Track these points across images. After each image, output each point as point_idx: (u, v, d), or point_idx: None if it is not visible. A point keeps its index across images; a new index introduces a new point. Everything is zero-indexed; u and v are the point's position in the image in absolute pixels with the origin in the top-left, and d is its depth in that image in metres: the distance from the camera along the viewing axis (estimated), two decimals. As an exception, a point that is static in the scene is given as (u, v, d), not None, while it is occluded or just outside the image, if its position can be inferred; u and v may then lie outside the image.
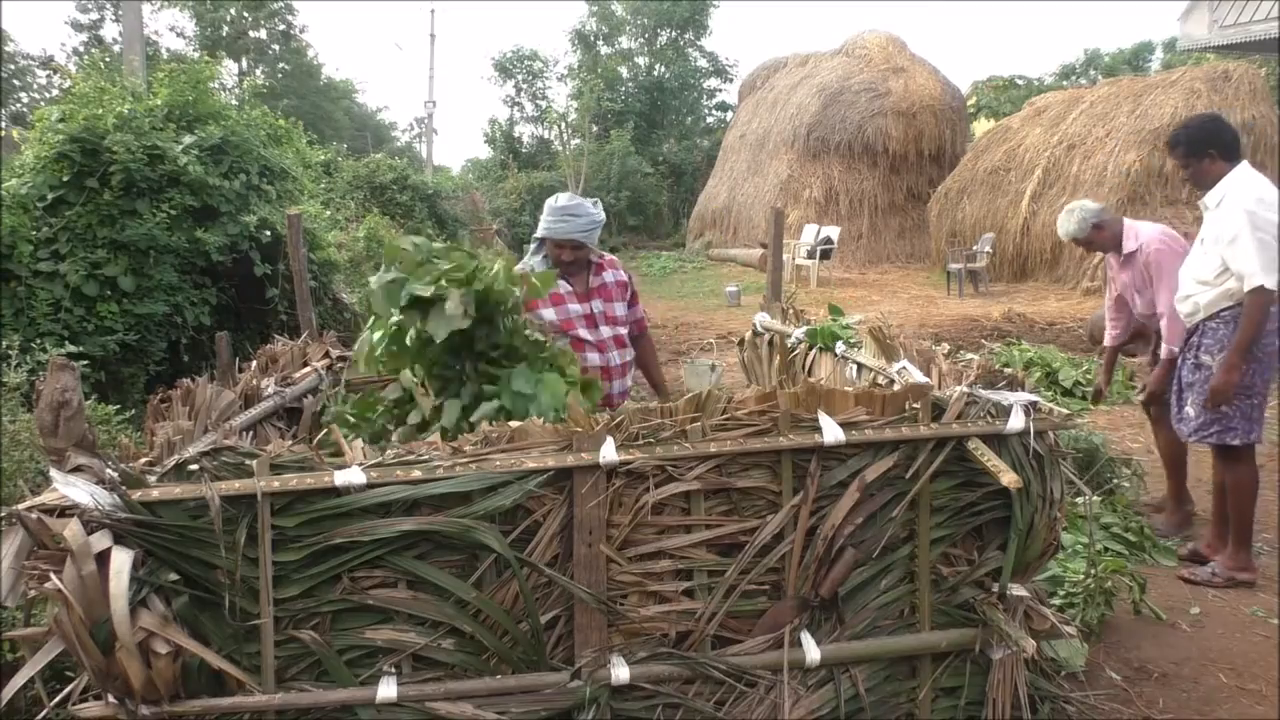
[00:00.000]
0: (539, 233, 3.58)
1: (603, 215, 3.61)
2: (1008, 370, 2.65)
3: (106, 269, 5.12)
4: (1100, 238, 4.44)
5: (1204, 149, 3.74)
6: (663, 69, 30.78)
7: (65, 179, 5.29)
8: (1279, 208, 3.56)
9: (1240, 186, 3.64)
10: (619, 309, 3.66)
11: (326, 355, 3.92)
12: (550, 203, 3.54)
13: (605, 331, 3.57)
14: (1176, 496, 4.47)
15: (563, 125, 27.79)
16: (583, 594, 2.29)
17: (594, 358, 3.51)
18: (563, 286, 3.52)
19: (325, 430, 2.74)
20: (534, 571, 2.29)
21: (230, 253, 5.62)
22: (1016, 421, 2.40)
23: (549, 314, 3.48)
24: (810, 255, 15.74)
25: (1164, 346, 4.29)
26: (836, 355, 3.58)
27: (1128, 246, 4.37)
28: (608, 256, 3.74)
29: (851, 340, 3.59)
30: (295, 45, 35.08)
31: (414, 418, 2.71)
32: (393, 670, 2.26)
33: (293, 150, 7.54)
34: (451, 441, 2.29)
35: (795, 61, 22.60)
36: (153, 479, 2.11)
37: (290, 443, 2.47)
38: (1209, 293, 3.68)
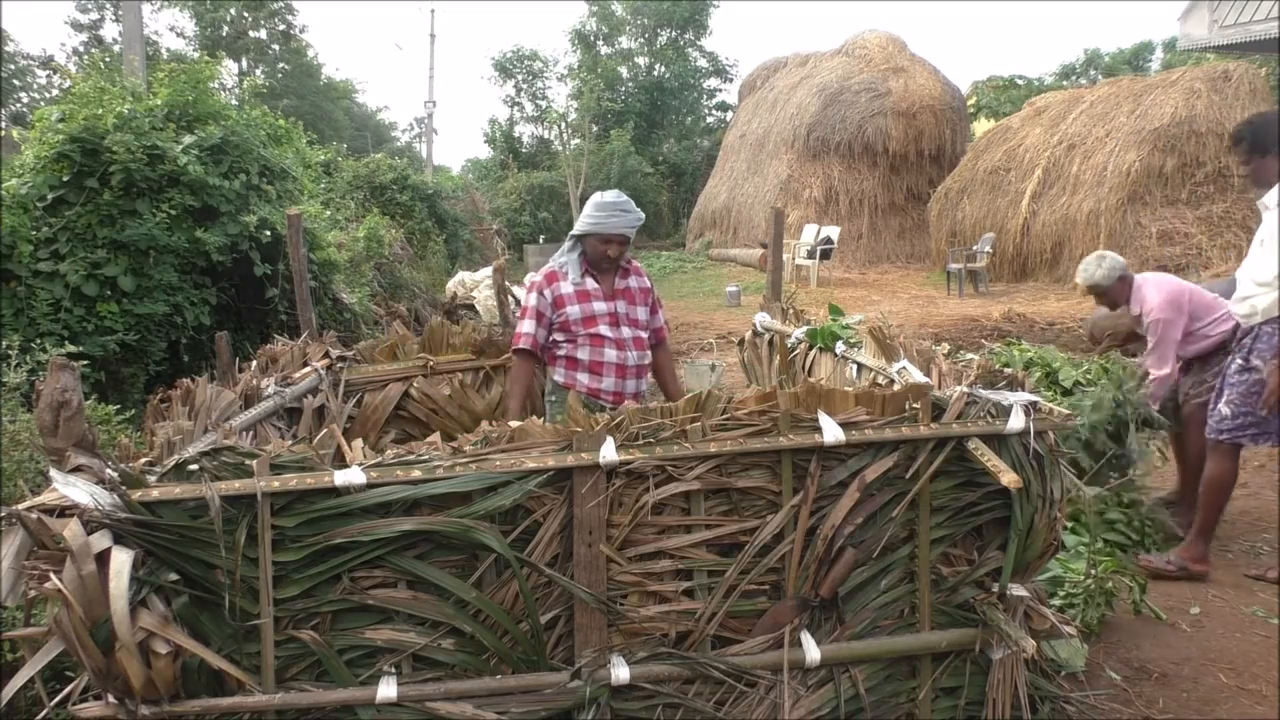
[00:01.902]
0: (581, 229, 3.56)
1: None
2: (1008, 370, 2.65)
3: (106, 269, 5.12)
4: (1121, 290, 4.44)
5: (1268, 147, 3.66)
6: (663, 69, 30.78)
7: (65, 179, 5.28)
8: None
9: None
10: (640, 313, 3.69)
11: (326, 355, 3.92)
12: (598, 199, 3.54)
13: (626, 332, 3.61)
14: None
15: (563, 125, 27.77)
16: (583, 594, 2.29)
17: (612, 354, 3.55)
18: (589, 284, 3.58)
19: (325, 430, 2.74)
20: (534, 571, 2.29)
21: (230, 253, 5.61)
22: (1016, 421, 2.40)
23: (573, 310, 3.53)
24: (810, 255, 15.74)
25: (1152, 376, 4.32)
26: (836, 355, 3.59)
27: (1134, 309, 4.39)
28: (634, 262, 3.77)
29: (851, 340, 3.59)
30: (295, 45, 35.07)
31: None
32: (393, 670, 2.26)
33: (293, 150, 7.53)
34: None
35: (795, 61, 22.61)
36: (153, 479, 2.11)
37: (290, 442, 2.47)
38: (1267, 296, 3.62)
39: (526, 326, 3.58)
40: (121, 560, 1.98)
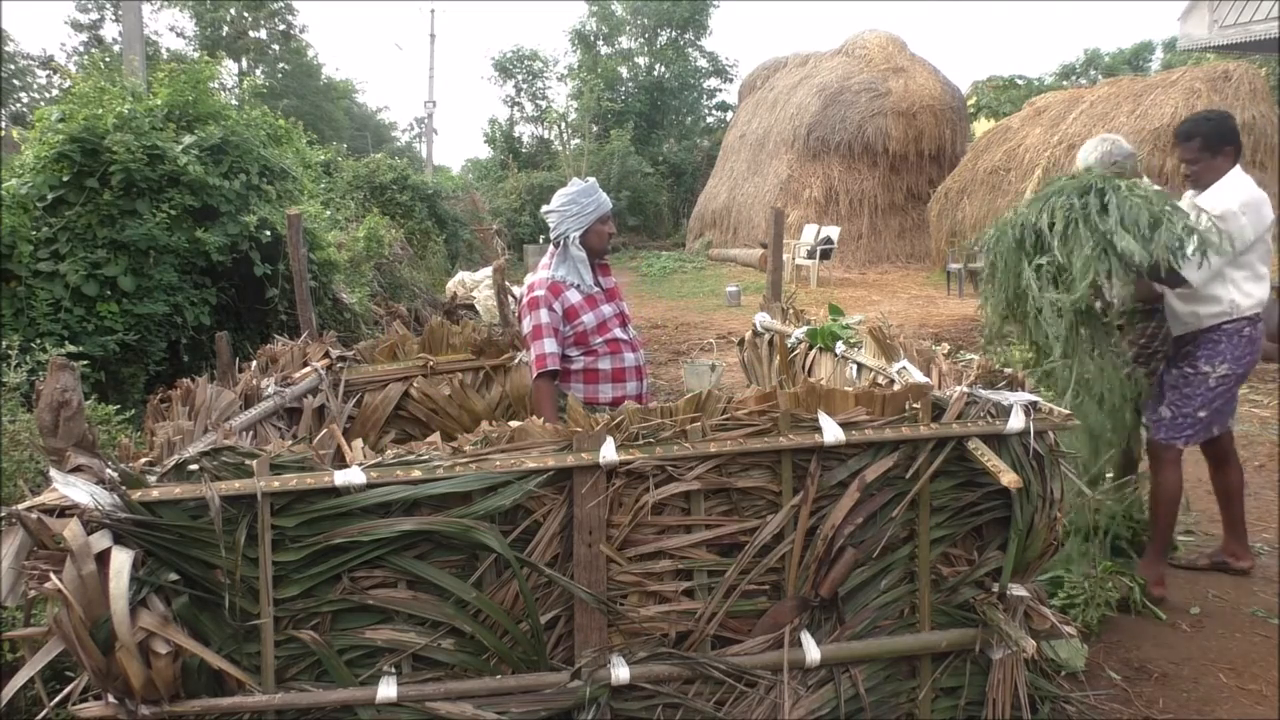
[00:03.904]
0: (580, 224, 3.36)
1: None
2: (1008, 370, 2.65)
3: (106, 269, 5.11)
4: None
5: (1221, 145, 3.64)
6: (663, 69, 30.77)
7: (65, 179, 5.28)
8: (1256, 218, 3.52)
9: (1234, 191, 3.57)
10: (627, 309, 3.65)
11: (326, 355, 3.92)
12: (571, 191, 3.38)
13: (631, 331, 3.57)
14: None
15: (563, 125, 27.79)
16: (583, 594, 2.29)
17: (630, 357, 3.49)
18: (594, 288, 3.47)
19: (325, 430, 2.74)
20: (534, 571, 2.29)
21: (230, 253, 5.61)
22: (1016, 421, 2.40)
23: (589, 319, 3.38)
24: (810, 255, 15.74)
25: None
26: (836, 355, 3.59)
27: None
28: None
29: (851, 340, 3.59)
30: (295, 45, 35.09)
31: None
32: (393, 670, 2.26)
33: (293, 150, 7.53)
34: None
35: (795, 61, 22.60)
36: (153, 479, 2.11)
37: (290, 442, 2.47)
38: (1207, 305, 3.63)
39: (548, 346, 3.31)
40: (121, 560, 1.98)
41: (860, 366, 3.37)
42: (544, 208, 3.51)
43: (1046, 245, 3.40)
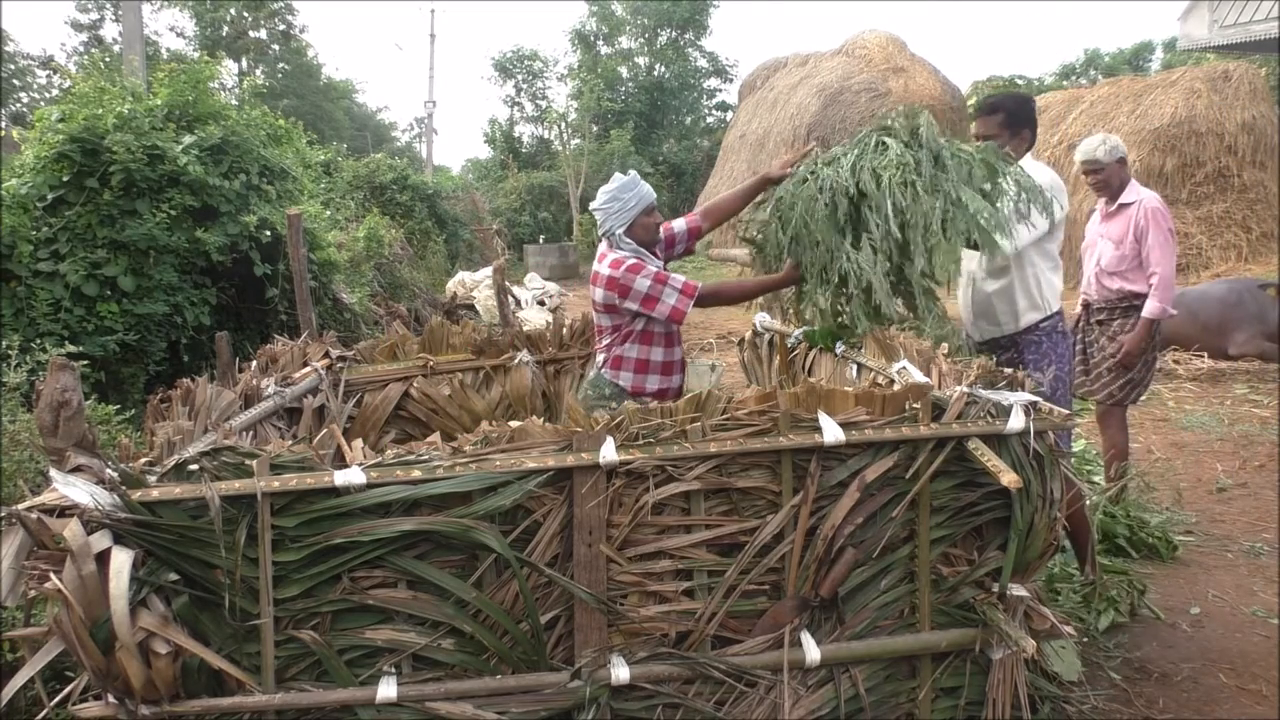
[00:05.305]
0: (626, 219, 3.32)
1: None
2: (1008, 370, 2.65)
3: (106, 269, 5.12)
4: (1118, 174, 4.44)
5: (1021, 127, 3.63)
6: (663, 69, 30.77)
7: (65, 179, 5.28)
8: (1061, 201, 3.48)
9: (1038, 170, 3.53)
10: None
11: (326, 355, 3.92)
12: (615, 187, 3.33)
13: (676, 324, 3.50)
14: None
15: (563, 125, 27.76)
16: (583, 594, 2.29)
17: (678, 350, 3.50)
18: (654, 262, 3.39)
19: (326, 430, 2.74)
20: (534, 571, 2.29)
21: (230, 253, 5.62)
22: (1016, 421, 2.40)
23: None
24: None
25: (1151, 303, 4.31)
26: (836, 355, 3.58)
27: (1127, 197, 4.44)
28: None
29: (851, 340, 3.58)
30: (295, 45, 35.06)
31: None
32: (393, 670, 2.26)
33: (293, 150, 7.53)
34: None
35: (795, 61, 22.60)
36: (153, 479, 2.11)
37: (290, 442, 2.46)
38: (1024, 300, 3.65)
39: (677, 278, 3.27)
40: (121, 560, 1.99)
41: (860, 366, 3.37)
42: (591, 204, 3.49)
43: (864, 217, 2.96)
